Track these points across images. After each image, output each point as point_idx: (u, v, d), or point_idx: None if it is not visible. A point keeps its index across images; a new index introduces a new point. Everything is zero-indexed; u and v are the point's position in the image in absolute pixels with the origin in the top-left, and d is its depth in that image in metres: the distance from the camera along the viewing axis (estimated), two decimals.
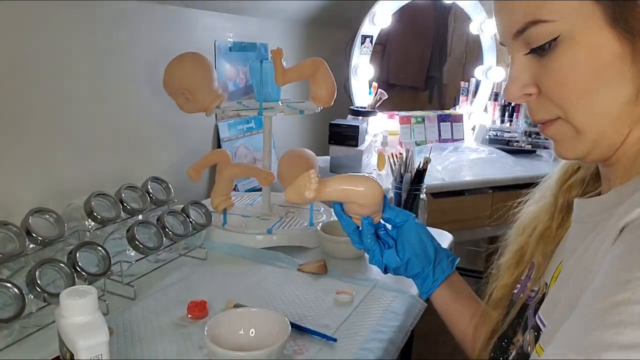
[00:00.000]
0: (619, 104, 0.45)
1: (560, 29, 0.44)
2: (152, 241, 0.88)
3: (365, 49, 1.80)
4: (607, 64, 0.44)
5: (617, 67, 0.43)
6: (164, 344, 0.70)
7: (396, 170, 1.12)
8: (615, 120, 0.45)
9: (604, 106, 0.45)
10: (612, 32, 0.43)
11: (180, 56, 1.03)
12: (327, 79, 1.05)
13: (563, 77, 0.45)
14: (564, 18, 0.44)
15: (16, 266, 0.76)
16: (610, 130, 0.46)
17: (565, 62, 0.45)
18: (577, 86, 0.45)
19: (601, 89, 0.44)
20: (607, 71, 0.44)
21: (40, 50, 0.92)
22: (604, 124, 0.46)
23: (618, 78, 0.44)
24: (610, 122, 0.46)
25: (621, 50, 0.43)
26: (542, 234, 0.58)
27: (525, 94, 0.49)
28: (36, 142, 0.94)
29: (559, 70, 0.45)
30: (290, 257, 0.98)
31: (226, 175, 1.04)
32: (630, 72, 0.43)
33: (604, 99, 0.45)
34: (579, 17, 0.43)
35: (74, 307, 0.55)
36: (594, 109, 0.45)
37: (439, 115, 1.96)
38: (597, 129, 0.46)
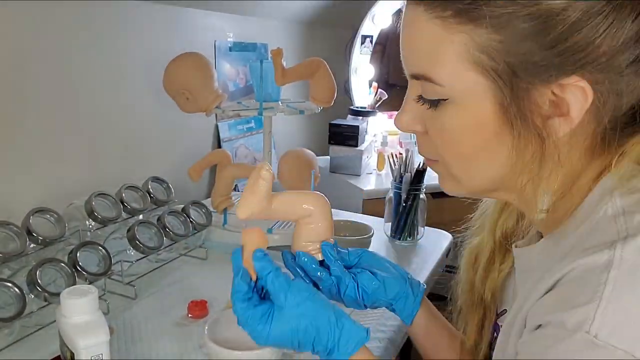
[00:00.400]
0: (495, 173, 0.46)
1: (448, 95, 0.43)
2: (152, 241, 0.88)
3: (365, 49, 1.80)
4: (488, 140, 0.44)
5: (498, 144, 0.44)
6: (164, 344, 0.70)
7: (396, 171, 1.12)
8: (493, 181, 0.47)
9: (481, 172, 0.46)
10: (496, 115, 0.42)
11: (181, 56, 1.03)
12: (327, 79, 1.05)
13: (446, 135, 0.46)
14: (453, 87, 0.43)
15: (17, 266, 0.76)
16: (489, 186, 0.48)
17: (449, 125, 0.45)
18: (457, 148, 0.46)
19: (480, 158, 0.45)
20: (487, 145, 0.44)
21: (40, 51, 0.92)
22: (481, 182, 0.47)
23: (497, 153, 0.44)
24: (488, 182, 0.47)
25: (502, 134, 0.43)
26: (485, 269, 0.58)
27: (412, 129, 0.49)
28: (37, 143, 0.94)
29: (444, 128, 0.45)
30: None
31: (226, 175, 1.05)
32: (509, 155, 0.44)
33: (482, 167, 0.46)
34: (467, 91, 0.43)
35: (75, 307, 0.55)
36: (471, 171, 0.47)
37: None
38: (473, 184, 0.48)
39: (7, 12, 0.85)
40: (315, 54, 1.11)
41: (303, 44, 1.75)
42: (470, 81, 0.42)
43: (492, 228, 0.58)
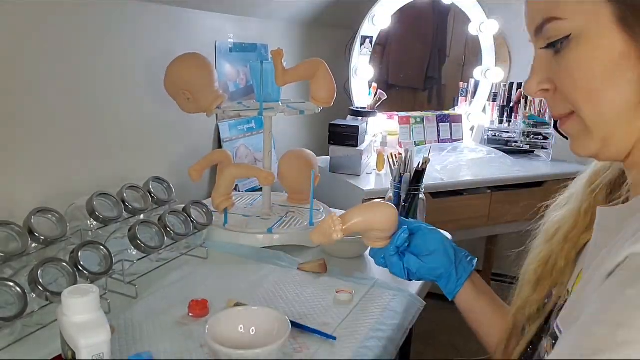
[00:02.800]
0: (626, 105, 0.45)
1: (572, 27, 0.45)
2: (153, 240, 0.89)
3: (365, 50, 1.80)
4: (615, 64, 0.44)
5: (624, 68, 0.44)
6: (165, 343, 0.70)
7: (395, 171, 1.13)
8: (623, 120, 0.46)
9: (610, 106, 0.46)
10: (620, 34, 0.44)
11: (181, 57, 1.04)
12: (327, 79, 1.06)
13: (573, 74, 0.47)
14: (576, 17, 0.45)
15: (19, 265, 0.76)
16: (619, 130, 0.47)
17: (575, 60, 0.46)
18: (585, 84, 0.46)
19: (608, 89, 0.45)
20: (614, 72, 0.45)
21: (40, 50, 0.93)
22: (612, 123, 0.46)
23: (625, 79, 0.44)
24: (618, 121, 0.46)
25: (628, 52, 0.44)
26: (566, 237, 0.58)
27: (542, 89, 0.50)
28: (38, 142, 0.94)
29: (569, 67, 0.47)
30: (291, 256, 0.98)
31: (227, 175, 1.05)
32: (636, 74, 0.44)
33: (611, 99, 0.45)
34: (589, 17, 0.44)
35: (76, 306, 0.55)
36: (601, 108, 0.46)
37: (438, 116, 1.97)
38: (604, 128, 0.47)
39: (7, 12, 0.86)
40: (315, 55, 1.12)
41: (303, 44, 1.75)
42: (590, 6, 0.44)
43: (580, 200, 0.58)
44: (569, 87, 0.48)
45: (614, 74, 0.45)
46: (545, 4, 0.47)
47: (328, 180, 1.52)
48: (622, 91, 0.45)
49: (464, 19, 2.05)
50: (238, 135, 1.46)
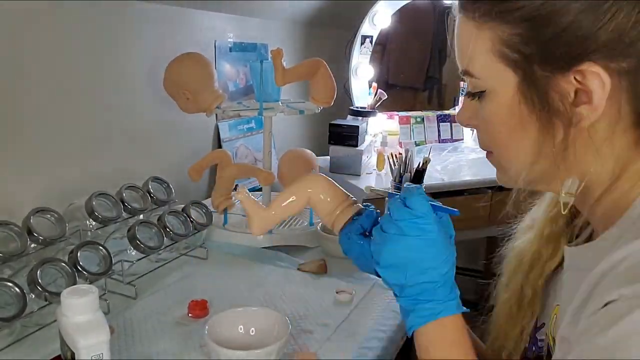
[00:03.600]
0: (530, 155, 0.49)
1: (484, 86, 0.49)
2: (153, 241, 0.88)
3: (365, 50, 1.80)
4: (519, 124, 0.48)
5: (527, 128, 0.48)
6: (164, 343, 0.70)
7: (396, 170, 1.13)
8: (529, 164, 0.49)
9: (516, 155, 0.50)
10: (522, 99, 0.47)
11: (181, 56, 1.04)
12: (327, 79, 1.05)
13: (487, 125, 0.52)
14: (486, 78, 0.49)
15: (17, 265, 0.76)
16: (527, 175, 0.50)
17: (488, 115, 0.50)
18: (496, 136, 0.51)
19: (514, 143, 0.50)
20: (518, 130, 0.49)
21: (40, 50, 0.92)
22: (519, 169, 0.50)
23: (527, 137, 0.48)
24: (525, 166, 0.50)
25: (529, 116, 0.47)
26: (531, 264, 0.59)
27: (470, 124, 0.55)
28: (37, 142, 0.94)
29: (485, 118, 0.51)
30: (291, 256, 0.98)
31: (227, 175, 1.05)
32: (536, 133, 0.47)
33: (517, 151, 0.50)
34: (497, 81, 0.48)
35: (75, 306, 0.55)
36: (509, 157, 0.52)
37: (438, 116, 1.96)
38: (514, 171, 0.51)
39: (8, 12, 0.86)
40: (315, 54, 1.12)
41: (303, 44, 1.75)
42: (498, 72, 0.47)
43: (542, 225, 0.59)
44: (484, 133, 0.53)
45: (516, 133, 0.49)
46: (462, 57, 0.51)
47: None
48: (524, 147, 0.49)
49: None
50: (238, 135, 1.46)
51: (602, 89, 0.43)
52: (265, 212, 0.61)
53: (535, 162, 0.48)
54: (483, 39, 0.47)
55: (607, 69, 0.43)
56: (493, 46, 0.47)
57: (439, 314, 0.52)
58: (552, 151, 0.47)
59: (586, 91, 0.44)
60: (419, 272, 0.52)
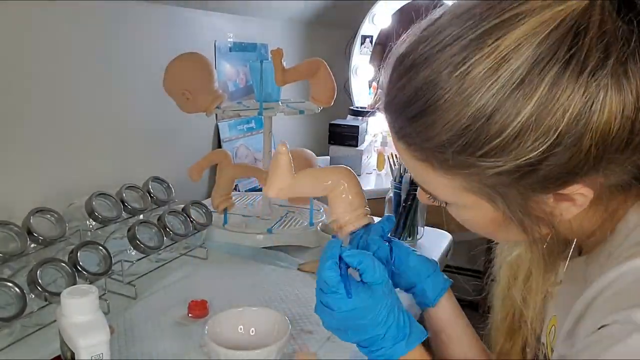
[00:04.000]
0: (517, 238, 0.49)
1: (444, 199, 0.48)
2: (153, 241, 0.88)
3: (365, 49, 1.80)
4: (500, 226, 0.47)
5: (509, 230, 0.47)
6: (164, 343, 0.70)
7: (396, 170, 1.12)
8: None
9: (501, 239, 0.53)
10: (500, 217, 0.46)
11: (181, 56, 1.04)
12: (327, 79, 1.05)
13: (463, 221, 0.50)
14: (457, 202, 0.47)
15: (17, 266, 0.76)
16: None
17: (462, 217, 0.50)
18: (475, 230, 0.51)
19: (498, 235, 0.51)
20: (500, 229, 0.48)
21: (40, 50, 0.92)
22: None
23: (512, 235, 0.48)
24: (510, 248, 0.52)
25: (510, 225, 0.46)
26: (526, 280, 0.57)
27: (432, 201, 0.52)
28: (37, 142, 0.94)
29: (458, 216, 0.50)
30: (291, 256, 0.98)
31: (226, 175, 1.05)
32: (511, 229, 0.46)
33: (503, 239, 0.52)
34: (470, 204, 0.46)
35: (75, 307, 0.55)
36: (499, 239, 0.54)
37: None
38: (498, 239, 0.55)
39: (7, 12, 0.86)
40: (315, 54, 1.12)
41: (303, 44, 1.75)
42: (469, 200, 0.45)
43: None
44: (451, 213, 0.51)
45: (500, 230, 0.48)
46: (417, 177, 0.49)
47: None
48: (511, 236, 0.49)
49: None
50: (238, 135, 1.46)
51: (586, 198, 0.42)
52: (289, 178, 0.60)
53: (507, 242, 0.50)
54: (451, 181, 0.44)
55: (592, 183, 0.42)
56: (464, 186, 0.44)
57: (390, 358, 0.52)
58: (540, 237, 0.46)
59: (569, 199, 0.43)
60: (358, 332, 0.53)
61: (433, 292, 0.60)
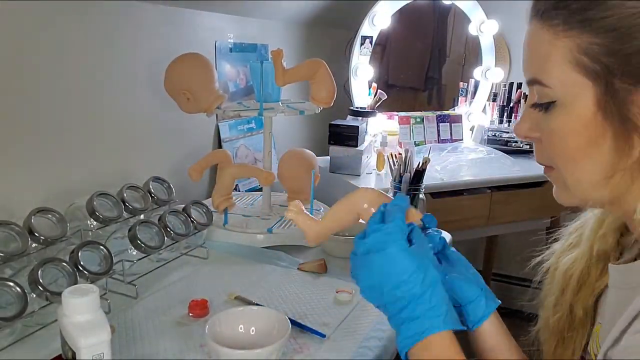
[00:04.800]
0: (599, 175, 0.47)
1: (556, 96, 0.47)
2: (153, 240, 0.89)
3: (365, 50, 1.80)
4: (592, 140, 0.46)
5: (601, 144, 0.46)
6: (165, 342, 0.70)
7: (395, 171, 1.13)
8: (598, 185, 0.48)
9: (585, 174, 0.48)
10: (599, 115, 0.45)
11: (181, 57, 1.04)
12: (327, 79, 1.06)
13: (554, 139, 0.49)
14: (560, 89, 0.47)
15: (19, 265, 0.76)
16: (594, 192, 0.49)
17: (558, 126, 0.48)
18: (564, 151, 0.49)
19: (584, 160, 0.48)
20: (590, 146, 0.47)
21: (40, 50, 0.93)
22: (587, 187, 0.49)
23: (600, 154, 0.46)
24: (592, 186, 0.48)
25: (604, 132, 0.45)
26: (580, 284, 0.57)
27: (529, 136, 0.52)
28: (38, 142, 0.94)
29: (552, 131, 0.49)
30: (291, 256, 0.98)
31: (227, 175, 1.05)
32: (611, 150, 0.46)
33: (586, 169, 0.48)
34: (572, 93, 0.46)
35: (76, 306, 0.55)
36: (577, 174, 0.49)
37: (438, 116, 1.97)
38: (581, 190, 0.50)
39: (8, 12, 0.86)
40: (315, 55, 1.12)
41: (303, 44, 1.75)
42: (574, 82, 0.46)
43: (590, 243, 0.57)
44: (550, 148, 0.50)
45: (590, 147, 0.47)
46: (533, 65, 0.49)
47: (328, 180, 1.52)
48: (597, 163, 0.47)
49: (464, 19, 2.05)
50: (238, 135, 1.46)
51: None
52: (318, 227, 0.62)
53: (608, 178, 0.47)
54: (561, 48, 0.46)
55: None
56: (572, 55, 0.45)
57: (422, 333, 0.49)
58: (628, 167, 0.45)
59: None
60: (393, 286, 0.51)
61: (474, 317, 0.58)
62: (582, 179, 0.49)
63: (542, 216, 1.76)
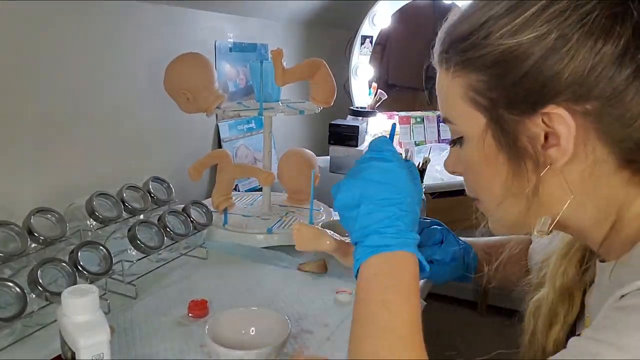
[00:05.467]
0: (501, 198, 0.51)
1: (461, 131, 0.52)
2: (153, 240, 0.88)
3: (365, 50, 1.80)
4: (492, 167, 0.50)
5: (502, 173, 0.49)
6: (164, 343, 0.70)
7: None
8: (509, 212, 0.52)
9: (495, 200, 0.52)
10: (491, 142, 0.49)
11: (181, 57, 1.04)
12: (327, 79, 1.06)
13: (468, 171, 0.55)
14: (462, 123, 0.52)
15: (18, 265, 0.76)
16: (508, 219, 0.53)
17: (467, 159, 0.53)
18: (477, 181, 0.54)
19: (494, 185, 0.51)
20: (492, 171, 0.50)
21: (40, 50, 0.92)
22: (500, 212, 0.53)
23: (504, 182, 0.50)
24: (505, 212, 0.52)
25: (501, 161, 0.49)
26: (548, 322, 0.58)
27: (455, 171, 0.58)
28: (38, 142, 0.94)
29: (466, 164, 0.54)
30: (291, 256, 0.98)
31: (227, 175, 1.05)
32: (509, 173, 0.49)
33: (495, 194, 0.51)
34: (470, 125, 0.50)
35: (76, 306, 0.55)
36: (490, 201, 0.53)
37: (438, 116, 1.97)
38: (496, 216, 0.54)
39: (8, 12, 0.86)
40: (315, 55, 1.12)
41: (303, 44, 1.75)
42: (470, 116, 0.50)
43: (552, 281, 0.58)
44: (468, 179, 0.56)
45: (491, 175, 0.51)
46: (441, 105, 0.54)
47: (328, 180, 1.51)
48: (498, 189, 0.51)
49: None
50: (238, 135, 1.46)
51: (568, 131, 0.44)
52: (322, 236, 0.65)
53: (504, 202, 0.50)
54: (456, 87, 0.50)
55: (572, 112, 0.44)
56: (464, 93, 0.49)
57: (389, 246, 0.51)
58: (523, 192, 0.48)
59: (555, 134, 0.45)
60: (373, 203, 0.52)
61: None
62: (492, 205, 0.53)
63: None
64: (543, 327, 0.58)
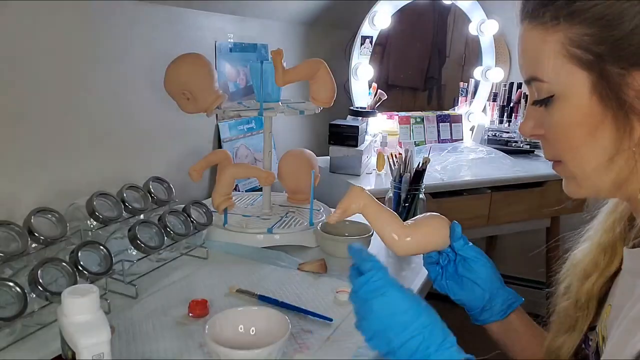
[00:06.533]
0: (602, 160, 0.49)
1: (553, 89, 0.50)
2: (153, 240, 0.89)
3: (365, 50, 1.80)
4: (592, 126, 0.48)
5: (601, 130, 0.48)
6: (165, 343, 0.70)
7: (395, 171, 1.13)
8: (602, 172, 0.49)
9: (588, 161, 0.50)
10: (595, 100, 0.47)
11: (181, 57, 1.04)
12: (327, 79, 1.06)
13: (556, 131, 0.51)
14: (555, 81, 0.49)
15: (18, 265, 0.76)
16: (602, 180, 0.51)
17: (558, 118, 0.50)
18: (566, 141, 0.51)
19: (586, 147, 0.50)
20: (591, 133, 0.49)
21: (40, 50, 0.93)
22: (592, 174, 0.51)
23: (601, 139, 0.48)
24: (597, 173, 0.50)
25: (603, 117, 0.47)
26: (586, 274, 0.58)
27: (534, 134, 0.55)
28: (38, 142, 0.94)
29: (553, 124, 0.51)
30: (291, 256, 0.98)
31: (227, 175, 1.05)
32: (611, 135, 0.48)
33: (589, 156, 0.50)
34: (567, 83, 0.48)
35: (76, 306, 0.55)
36: (581, 162, 0.51)
37: (438, 116, 1.97)
38: (587, 178, 0.52)
39: (9, 12, 0.86)
40: (315, 55, 1.12)
41: (303, 44, 1.75)
42: (568, 74, 0.48)
43: (598, 234, 0.59)
44: (554, 141, 0.53)
45: (591, 135, 0.49)
46: (529, 63, 0.52)
47: (328, 180, 1.52)
48: (599, 149, 0.49)
49: (464, 19, 2.05)
50: (238, 135, 1.46)
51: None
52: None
53: (611, 162, 0.48)
54: (553, 43, 0.48)
55: None
56: (563, 48, 0.47)
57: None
58: (630, 149, 0.47)
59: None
60: (400, 329, 0.53)
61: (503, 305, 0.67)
62: (586, 167, 0.50)
63: (541, 216, 1.76)
64: (579, 279, 0.58)
